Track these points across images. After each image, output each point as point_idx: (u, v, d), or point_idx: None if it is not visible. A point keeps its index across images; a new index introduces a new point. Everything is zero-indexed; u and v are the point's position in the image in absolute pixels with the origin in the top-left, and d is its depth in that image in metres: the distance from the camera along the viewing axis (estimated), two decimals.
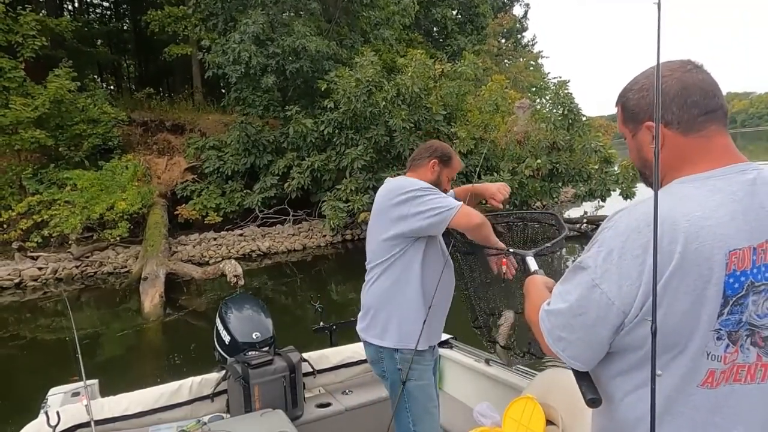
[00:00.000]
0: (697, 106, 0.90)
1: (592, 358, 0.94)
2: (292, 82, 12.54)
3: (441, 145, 2.16)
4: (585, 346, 0.92)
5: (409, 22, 15.22)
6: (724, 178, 0.88)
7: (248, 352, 2.55)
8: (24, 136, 10.68)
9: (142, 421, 2.33)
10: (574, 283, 0.92)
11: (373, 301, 2.00)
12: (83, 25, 16.89)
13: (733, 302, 0.84)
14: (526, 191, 10.58)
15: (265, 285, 9.40)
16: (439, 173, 2.09)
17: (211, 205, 12.14)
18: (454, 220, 1.81)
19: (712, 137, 0.91)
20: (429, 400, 2.02)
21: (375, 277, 1.99)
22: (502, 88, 11.61)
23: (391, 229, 1.91)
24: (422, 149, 2.15)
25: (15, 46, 11.51)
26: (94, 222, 10.63)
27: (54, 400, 2.45)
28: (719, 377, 0.85)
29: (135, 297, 8.41)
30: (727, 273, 0.82)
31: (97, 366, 6.14)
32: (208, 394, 2.51)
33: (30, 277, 9.52)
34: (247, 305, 2.85)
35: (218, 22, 13.18)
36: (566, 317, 0.93)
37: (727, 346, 0.85)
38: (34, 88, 11.31)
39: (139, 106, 15.13)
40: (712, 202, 0.85)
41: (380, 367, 2.02)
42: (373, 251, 2.00)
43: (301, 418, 2.59)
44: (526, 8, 30.52)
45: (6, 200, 10.88)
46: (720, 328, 0.84)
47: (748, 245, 0.84)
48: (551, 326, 0.96)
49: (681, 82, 0.91)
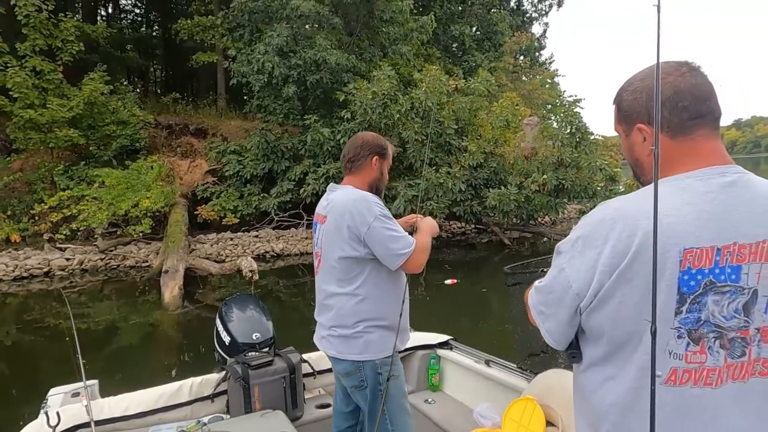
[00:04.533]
0: (687, 110, 0.92)
1: (562, 336, 1.00)
2: (312, 92, 13.05)
3: (373, 138, 2.09)
4: (556, 322, 0.99)
5: (427, 38, 15.65)
6: (701, 179, 0.90)
7: (248, 353, 2.55)
8: (58, 134, 11.30)
9: (142, 421, 2.33)
10: (553, 265, 1.00)
11: (345, 318, 1.95)
12: (117, 31, 17.65)
13: (691, 300, 0.85)
14: (533, 205, 10.89)
15: (276, 285, 9.81)
16: (381, 167, 2.07)
17: (230, 207, 12.60)
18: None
19: (701, 141, 0.93)
20: (403, 396, 2.05)
21: (342, 292, 1.95)
22: (513, 105, 11.98)
23: (351, 251, 1.91)
24: (357, 147, 2.05)
25: (55, 50, 12.17)
26: (119, 218, 11.12)
27: (54, 400, 2.45)
28: (683, 376, 0.87)
29: (154, 290, 8.88)
30: (681, 270, 0.85)
31: (119, 351, 6.62)
32: (208, 394, 2.51)
33: (58, 267, 10.07)
34: (247, 306, 2.86)
35: (244, 33, 13.80)
36: (543, 294, 1.02)
37: (688, 344, 0.86)
38: (70, 89, 11.95)
39: (165, 109, 15.75)
40: (679, 201, 0.87)
41: (357, 378, 1.97)
42: (334, 267, 1.96)
43: (301, 419, 2.59)
44: (545, 27, 31.08)
45: (38, 194, 11.50)
46: (680, 326, 0.86)
47: (710, 245, 0.85)
48: (535, 301, 1.05)
49: (673, 87, 0.93)
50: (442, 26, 18.49)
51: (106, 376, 5.43)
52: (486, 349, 2.91)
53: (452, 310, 7.55)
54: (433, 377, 3.04)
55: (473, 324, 7.15)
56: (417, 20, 14.74)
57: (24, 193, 11.74)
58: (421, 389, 3.05)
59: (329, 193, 2.06)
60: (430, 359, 3.04)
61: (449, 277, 9.33)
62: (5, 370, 6.03)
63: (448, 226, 14.66)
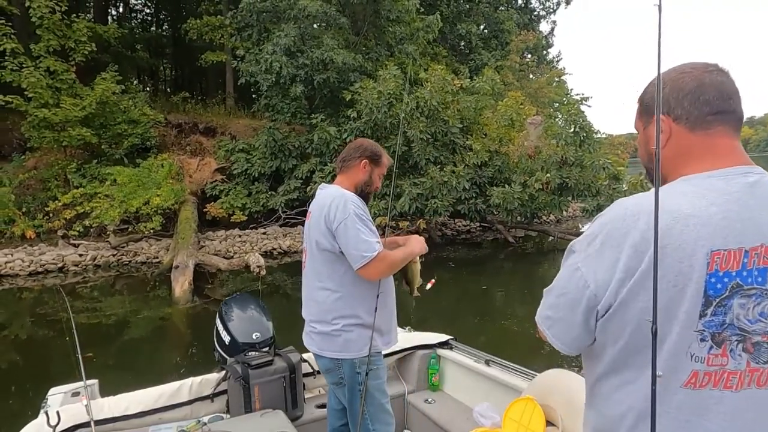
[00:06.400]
0: (709, 104, 0.90)
1: (574, 340, 0.95)
2: (319, 91, 13.22)
3: (370, 144, 2.17)
4: (567, 327, 0.94)
5: (433, 37, 15.74)
6: (724, 179, 0.87)
7: (248, 353, 2.54)
8: (71, 133, 11.55)
9: (142, 421, 2.33)
10: (565, 265, 0.96)
11: (325, 314, 2.00)
12: (128, 31, 17.92)
13: (717, 303, 0.83)
14: (536, 204, 10.99)
15: (284, 281, 10.01)
16: (371, 172, 2.13)
17: (238, 205, 12.80)
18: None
19: (718, 137, 0.91)
20: (383, 396, 2.09)
21: (322, 287, 2.01)
22: (518, 104, 12.07)
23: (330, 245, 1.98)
24: (351, 149, 2.15)
25: (67, 51, 12.42)
26: (130, 215, 11.35)
27: (54, 400, 2.45)
28: (703, 378, 0.85)
29: (164, 285, 9.10)
30: (709, 272, 0.82)
31: (131, 344, 6.84)
32: (208, 394, 2.51)
33: (72, 262, 10.34)
34: (247, 306, 2.85)
35: (253, 33, 13.99)
36: (553, 297, 0.97)
37: (710, 348, 0.84)
38: (82, 89, 12.20)
39: (174, 108, 15.99)
40: (704, 201, 0.85)
41: (336, 375, 2.02)
42: (315, 261, 2.05)
43: (301, 419, 2.58)
44: (552, 25, 31.02)
45: (52, 192, 11.78)
46: (703, 329, 0.83)
47: (738, 247, 0.83)
48: (542, 306, 1.00)
49: (698, 80, 0.92)
50: (449, 25, 18.56)
51: (117, 368, 5.67)
52: (489, 345, 2.93)
53: (451, 311, 7.67)
54: (433, 377, 3.06)
55: (476, 320, 7.29)
56: (423, 20, 14.85)
57: (38, 191, 12.04)
58: (421, 389, 3.05)
59: (318, 192, 2.14)
60: (430, 359, 3.06)
61: (449, 274, 9.47)
62: (20, 362, 6.27)
63: (453, 224, 14.79)
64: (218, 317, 2.75)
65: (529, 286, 9.52)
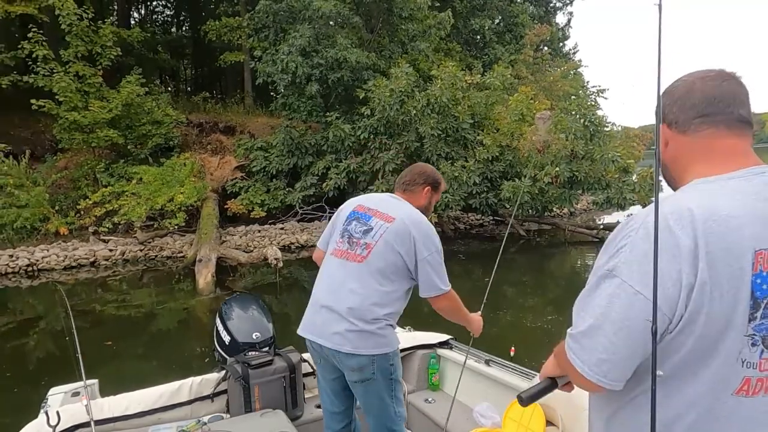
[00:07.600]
0: (695, 108, 0.92)
1: (627, 376, 0.87)
2: (334, 90, 13.53)
3: (432, 171, 2.27)
4: (630, 363, 0.86)
5: (445, 34, 15.89)
6: (745, 179, 0.87)
7: (248, 353, 2.54)
8: (99, 134, 12.12)
9: (142, 421, 2.33)
10: (606, 295, 0.85)
11: (368, 311, 2.00)
12: (150, 35, 18.51)
13: (765, 305, 0.80)
14: (546, 197, 11.18)
15: (301, 275, 10.41)
16: (430, 199, 2.25)
17: (257, 201, 13.20)
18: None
19: (713, 138, 0.91)
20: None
21: (380, 286, 2.02)
22: (528, 99, 12.23)
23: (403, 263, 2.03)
24: (415, 174, 2.23)
25: (94, 55, 12.99)
26: (156, 212, 11.83)
27: (54, 400, 2.46)
28: (755, 385, 0.82)
29: (188, 278, 9.59)
30: (754, 273, 0.80)
31: (161, 332, 7.32)
32: (208, 394, 2.51)
33: (102, 257, 10.94)
34: (247, 305, 2.85)
35: (269, 34, 14.35)
36: (607, 335, 0.84)
37: (762, 352, 0.81)
38: (109, 92, 12.76)
39: (195, 108, 16.52)
40: (736, 202, 0.83)
41: (369, 372, 1.99)
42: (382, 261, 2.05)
43: (301, 419, 2.58)
44: (569, 16, 30.61)
45: (83, 190, 12.41)
46: (754, 333, 0.80)
47: None
48: (589, 349, 0.87)
49: (688, 87, 0.94)
50: (463, 20, 18.64)
51: (144, 356, 6.10)
52: (495, 339, 3.05)
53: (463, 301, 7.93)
54: (432, 377, 3.06)
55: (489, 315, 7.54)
56: (435, 16, 15.04)
57: (69, 190, 12.70)
58: (421, 389, 3.06)
59: (388, 198, 2.20)
60: (430, 359, 3.06)
61: (459, 267, 9.72)
62: (55, 352, 6.78)
63: (467, 218, 15.02)
64: (218, 317, 2.74)
65: (540, 279, 9.75)
